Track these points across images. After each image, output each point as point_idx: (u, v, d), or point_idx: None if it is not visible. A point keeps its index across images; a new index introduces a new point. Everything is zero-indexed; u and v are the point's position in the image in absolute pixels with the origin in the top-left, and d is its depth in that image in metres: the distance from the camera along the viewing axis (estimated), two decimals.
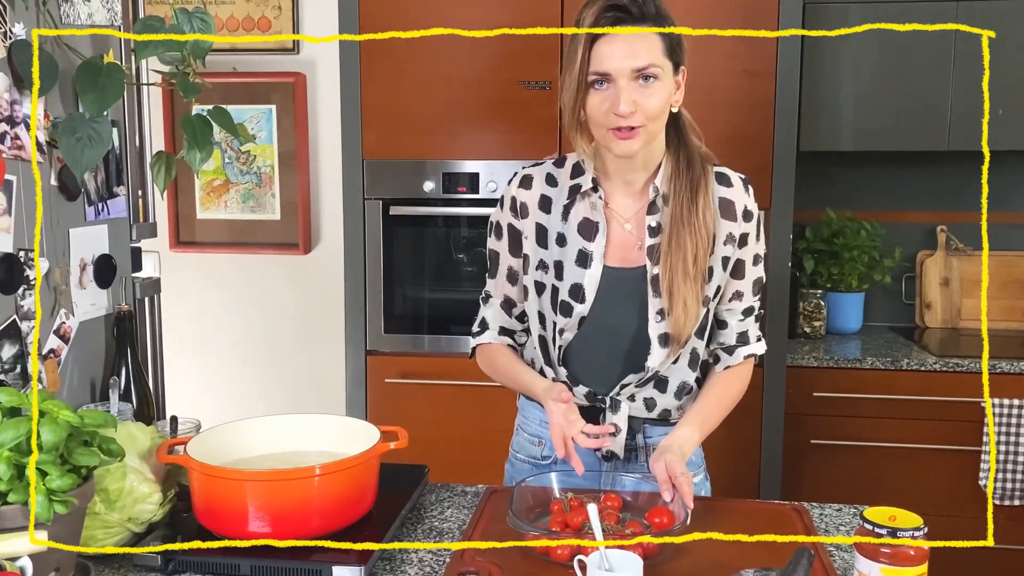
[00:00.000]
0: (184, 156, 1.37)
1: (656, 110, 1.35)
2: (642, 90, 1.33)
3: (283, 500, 1.18)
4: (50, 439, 1.05)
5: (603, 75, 1.33)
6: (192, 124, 1.35)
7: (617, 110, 1.32)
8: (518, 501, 1.31)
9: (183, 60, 1.30)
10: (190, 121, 1.36)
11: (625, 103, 1.31)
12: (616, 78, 1.32)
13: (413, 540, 1.30)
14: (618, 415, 1.46)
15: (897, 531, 0.99)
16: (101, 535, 1.21)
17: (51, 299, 1.39)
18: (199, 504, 1.22)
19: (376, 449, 1.26)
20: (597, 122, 1.36)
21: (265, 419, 1.37)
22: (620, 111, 1.31)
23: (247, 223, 2.96)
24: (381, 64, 2.49)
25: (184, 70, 1.31)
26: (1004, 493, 2.56)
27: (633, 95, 1.32)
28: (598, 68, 1.33)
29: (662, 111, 1.36)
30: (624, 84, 1.32)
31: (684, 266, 1.37)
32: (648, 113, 1.33)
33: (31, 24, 1.32)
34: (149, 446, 1.28)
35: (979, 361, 2.57)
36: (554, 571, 1.17)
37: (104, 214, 1.52)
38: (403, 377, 2.60)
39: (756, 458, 2.54)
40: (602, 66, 1.33)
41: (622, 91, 1.32)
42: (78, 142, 1.31)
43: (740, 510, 1.42)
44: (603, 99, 1.34)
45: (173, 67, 1.33)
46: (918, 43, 2.68)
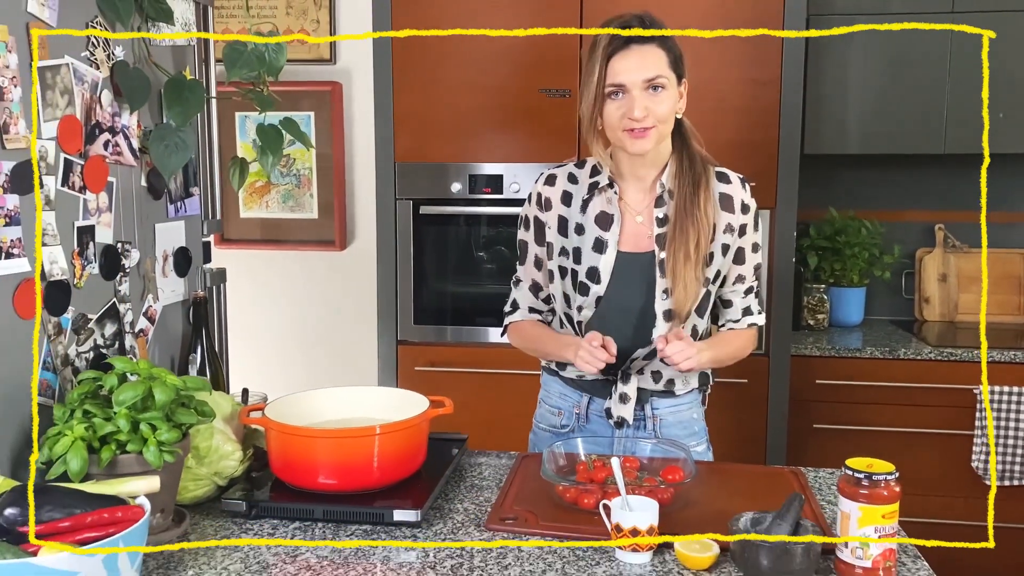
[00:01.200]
0: (258, 160, 1.57)
1: (665, 114, 1.56)
2: (652, 97, 1.54)
3: (348, 455, 1.38)
4: (161, 399, 1.25)
5: (618, 86, 1.54)
6: (266, 132, 1.55)
7: (632, 115, 1.53)
8: (549, 462, 1.50)
9: (259, 77, 1.50)
10: (264, 130, 1.56)
11: (639, 109, 1.53)
12: (630, 88, 1.54)
13: (457, 494, 1.49)
14: (628, 386, 1.65)
15: (873, 475, 1.18)
16: (192, 486, 1.41)
17: (140, 285, 1.60)
18: (276, 460, 1.42)
19: (427, 413, 1.45)
20: (613, 127, 1.57)
21: (329, 390, 1.56)
22: (635, 116, 1.53)
23: (287, 222, 3.15)
24: (412, 74, 2.66)
25: (259, 86, 1.51)
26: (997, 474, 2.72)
27: (645, 102, 1.54)
28: (614, 80, 1.54)
29: (670, 115, 1.58)
30: (637, 93, 1.53)
31: (686, 251, 1.58)
32: (658, 116, 1.55)
33: (127, 47, 1.52)
34: (230, 411, 1.48)
35: (972, 351, 2.73)
36: (582, 517, 1.36)
37: (182, 211, 1.72)
38: (431, 365, 2.76)
39: (762, 441, 2.70)
40: (617, 78, 1.54)
41: (636, 99, 1.53)
42: (166, 148, 1.52)
43: (741, 472, 1.61)
44: (619, 107, 1.55)
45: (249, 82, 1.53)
46: (916, 51, 2.83)
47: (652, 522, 1.23)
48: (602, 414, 1.71)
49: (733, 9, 2.55)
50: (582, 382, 1.73)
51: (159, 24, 1.55)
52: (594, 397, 1.73)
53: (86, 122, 1.42)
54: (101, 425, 1.23)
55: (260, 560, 1.25)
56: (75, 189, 1.40)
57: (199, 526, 1.36)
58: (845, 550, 1.19)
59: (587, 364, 1.55)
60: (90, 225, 1.44)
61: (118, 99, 1.49)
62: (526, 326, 1.77)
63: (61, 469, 1.20)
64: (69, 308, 1.39)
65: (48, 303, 1.34)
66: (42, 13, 1.32)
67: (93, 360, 1.45)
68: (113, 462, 1.23)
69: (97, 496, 1.15)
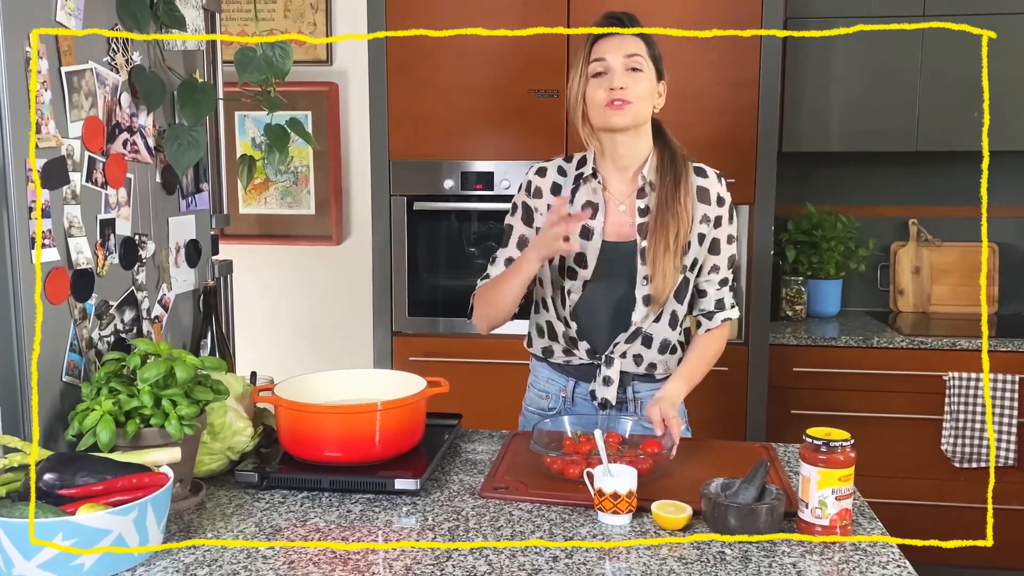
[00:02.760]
0: (265, 158, 1.68)
1: (643, 93, 1.70)
2: (631, 76, 1.69)
3: (352, 430, 1.49)
4: (183, 376, 1.36)
5: (601, 60, 1.69)
6: (273, 131, 1.66)
7: (612, 84, 1.67)
8: (537, 437, 1.62)
9: (267, 80, 1.61)
10: (272, 129, 1.67)
11: (618, 80, 1.68)
12: (611, 65, 1.69)
13: (455, 466, 1.61)
14: (611, 369, 1.77)
15: (831, 442, 1.30)
16: (207, 460, 1.52)
17: (156, 275, 1.70)
18: (285, 435, 1.53)
19: (425, 392, 1.57)
20: (596, 103, 1.70)
21: (334, 372, 1.68)
22: (615, 85, 1.67)
23: (285, 217, 3.25)
24: (406, 74, 2.75)
25: (267, 88, 1.63)
26: (962, 457, 2.86)
27: (624, 79, 1.68)
28: (598, 55, 1.70)
29: (648, 96, 1.71)
30: (618, 70, 1.69)
31: (667, 242, 1.69)
32: (637, 93, 1.69)
33: (143, 51, 1.63)
34: (242, 391, 1.60)
35: (942, 339, 2.86)
36: (567, 485, 1.48)
37: (192, 206, 1.83)
38: (425, 356, 2.85)
39: (742, 427, 2.81)
40: (600, 53, 1.70)
41: (616, 73, 1.69)
42: (179, 147, 1.62)
43: (716, 447, 1.73)
44: (600, 83, 1.70)
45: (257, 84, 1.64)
46: (890, 52, 2.95)
47: (631, 487, 1.35)
48: (587, 397, 1.83)
49: (712, 11, 2.65)
50: (568, 367, 1.85)
51: (172, 30, 1.66)
52: (579, 381, 1.84)
53: (107, 122, 1.53)
54: (127, 401, 1.35)
55: (273, 524, 1.36)
56: (98, 185, 1.51)
57: (215, 495, 1.47)
58: (805, 510, 1.31)
59: (552, 240, 1.59)
60: (111, 218, 1.55)
61: (136, 101, 1.60)
62: (483, 287, 1.82)
63: (91, 440, 1.31)
64: (92, 295, 1.50)
65: (75, 290, 1.45)
66: (69, 22, 1.42)
67: (114, 344, 1.56)
68: (138, 435, 1.34)
69: (125, 464, 1.26)
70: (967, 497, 2.88)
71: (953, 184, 3.32)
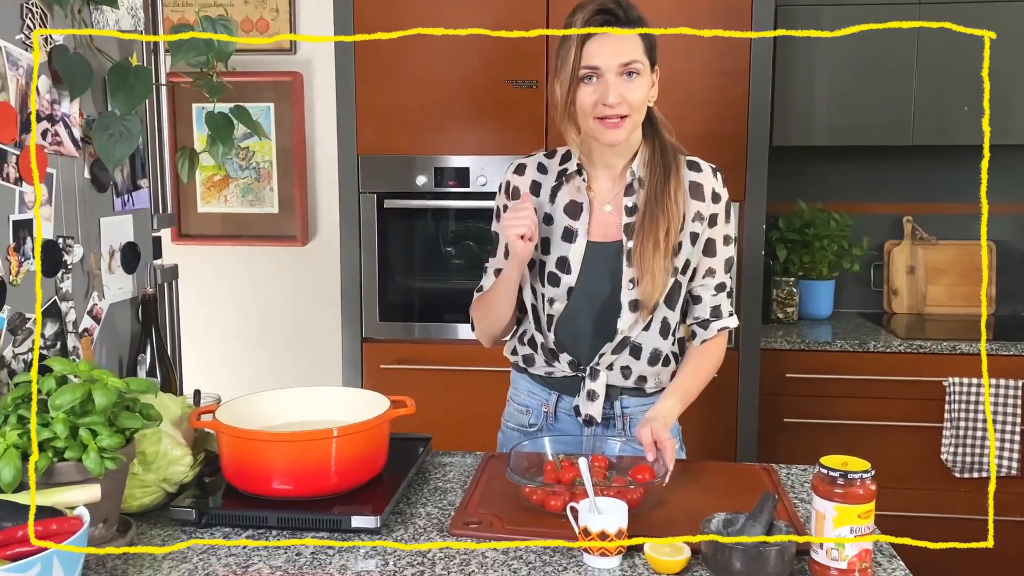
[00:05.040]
0: (207, 151, 1.50)
1: (639, 102, 1.52)
2: (627, 84, 1.50)
3: (304, 459, 1.31)
4: (102, 402, 1.18)
5: (593, 69, 1.49)
6: (216, 121, 1.48)
7: (606, 100, 1.48)
8: (515, 462, 1.45)
9: (208, 62, 1.43)
10: (214, 118, 1.48)
11: (613, 95, 1.48)
12: (604, 72, 1.49)
13: (420, 497, 1.44)
14: (597, 383, 1.61)
15: (848, 474, 1.14)
16: (139, 493, 1.34)
17: (85, 283, 1.52)
18: (228, 465, 1.35)
19: (387, 415, 1.39)
20: (586, 113, 1.52)
21: (285, 390, 1.50)
22: (609, 102, 1.48)
23: (246, 216, 3.07)
24: (375, 63, 2.60)
25: (209, 72, 1.44)
26: (963, 466, 2.72)
27: (619, 88, 1.49)
28: (589, 63, 1.49)
29: (643, 103, 1.54)
30: (611, 79, 1.49)
31: (655, 241, 1.53)
32: (632, 104, 1.50)
33: None
34: (180, 414, 1.41)
35: (940, 342, 2.73)
36: (549, 520, 1.31)
37: (129, 205, 1.64)
38: (398, 363, 2.70)
39: (733, 436, 2.68)
40: (592, 61, 1.49)
41: (610, 84, 1.48)
42: (110, 138, 1.44)
43: (713, 470, 1.57)
44: (592, 91, 1.50)
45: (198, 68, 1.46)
46: (884, 44, 2.82)
47: (621, 525, 1.18)
48: (571, 412, 1.67)
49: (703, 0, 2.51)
50: (551, 379, 1.68)
51: (101, 7, 1.47)
52: (563, 395, 1.68)
53: (21, 110, 1.34)
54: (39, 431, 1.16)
55: (209, 571, 1.18)
56: (10, 181, 1.32)
57: (146, 536, 1.29)
58: (820, 551, 1.15)
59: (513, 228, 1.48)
60: (27, 219, 1.36)
61: (57, 86, 1.41)
62: (476, 301, 1.71)
63: None
64: (4, 307, 1.31)
65: None
66: None
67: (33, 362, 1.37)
68: (50, 470, 1.16)
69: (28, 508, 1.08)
70: (968, 508, 2.75)
71: (949, 180, 3.20)
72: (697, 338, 1.67)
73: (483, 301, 1.68)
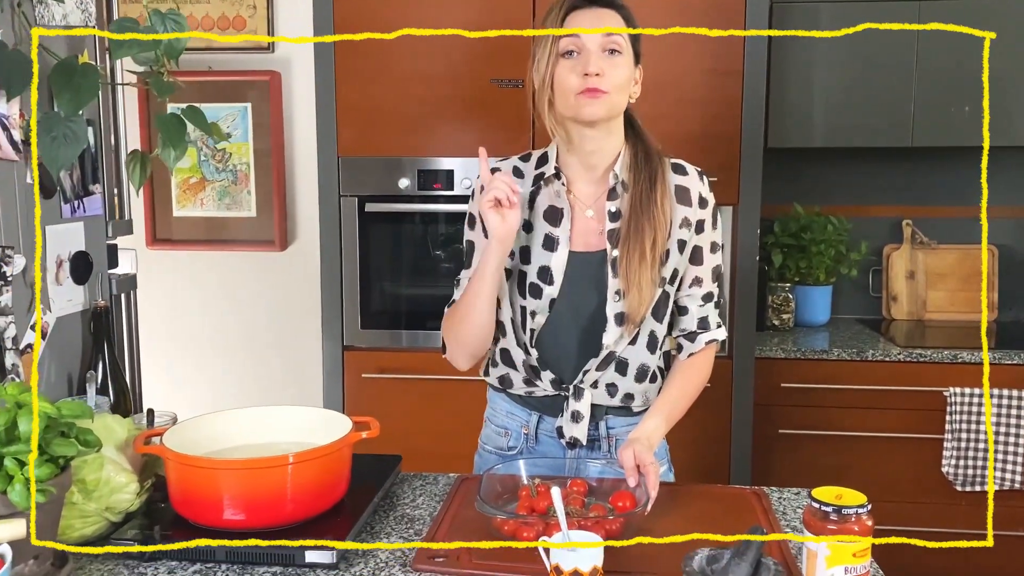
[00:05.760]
0: (159, 154, 1.40)
1: (620, 81, 1.43)
2: (609, 60, 1.42)
3: (257, 488, 1.21)
4: (27, 429, 1.08)
5: (574, 38, 1.41)
6: (167, 123, 1.38)
7: (587, 69, 1.40)
8: (487, 488, 1.35)
9: (157, 60, 1.33)
10: (165, 120, 1.39)
11: (594, 64, 1.40)
12: (586, 45, 1.41)
13: (385, 526, 1.34)
14: (581, 402, 1.51)
15: (842, 509, 1.04)
16: (79, 524, 1.24)
17: (28, 295, 1.42)
18: (175, 494, 1.26)
19: (348, 438, 1.29)
20: (566, 90, 1.43)
21: (240, 411, 1.40)
22: (590, 70, 1.40)
23: (223, 220, 2.98)
24: (356, 62, 2.51)
25: (158, 70, 1.34)
26: (965, 479, 2.63)
27: (601, 62, 1.41)
28: (571, 37, 1.42)
29: (625, 85, 1.45)
30: (594, 50, 1.41)
31: (641, 250, 1.44)
32: (613, 82, 1.42)
33: (5, 26, 1.35)
34: (126, 437, 1.31)
35: (941, 351, 2.64)
36: (521, 554, 1.21)
37: (80, 212, 1.55)
38: (380, 372, 2.62)
39: (726, 448, 2.60)
40: (574, 37, 1.41)
41: (592, 54, 1.41)
42: (54, 141, 1.34)
43: (699, 495, 1.47)
44: (573, 66, 1.42)
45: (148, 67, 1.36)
46: (882, 42, 2.74)
47: (596, 563, 1.08)
48: (553, 434, 1.57)
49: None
50: (531, 399, 1.58)
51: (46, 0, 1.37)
52: (544, 415, 1.58)
53: None
54: None
55: None
56: None
57: (85, 570, 1.20)
58: None
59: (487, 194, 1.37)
60: None
61: None
62: (448, 315, 1.58)
63: None
64: None
65: None
66: None
67: None
68: None
69: None
70: (969, 523, 2.66)
71: (950, 182, 3.11)
72: (683, 351, 1.57)
73: (457, 309, 1.53)
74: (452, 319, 1.55)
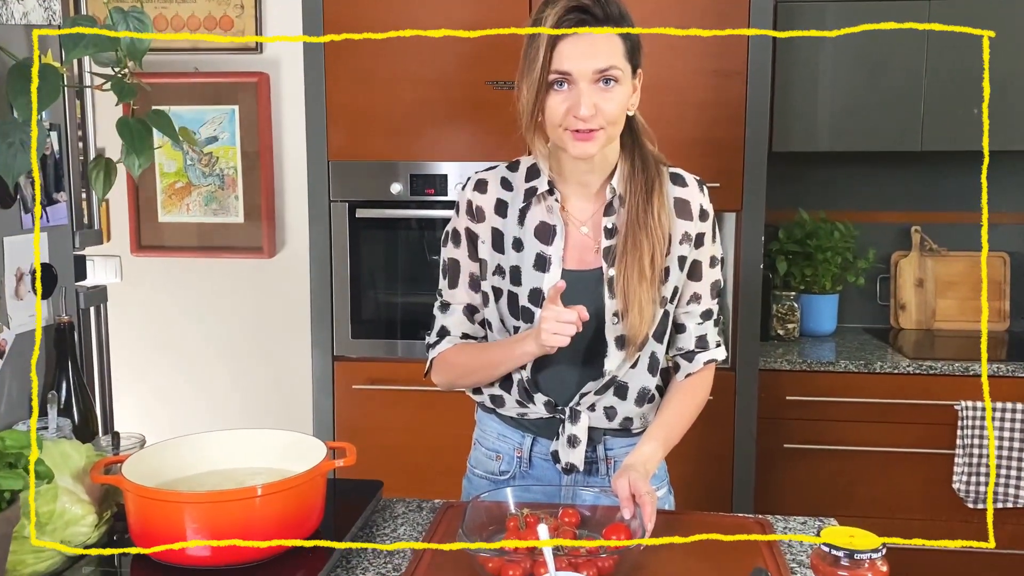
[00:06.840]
0: (123, 161, 1.31)
1: (615, 114, 1.32)
2: (602, 93, 1.30)
3: (223, 522, 1.13)
4: None
5: (564, 74, 1.30)
6: (129, 128, 1.29)
7: (578, 112, 1.29)
8: (472, 518, 1.26)
9: (119, 61, 1.24)
10: (127, 125, 1.29)
11: (586, 106, 1.28)
12: (577, 79, 1.29)
13: (363, 560, 1.25)
14: (578, 426, 1.42)
15: (855, 553, 0.95)
16: (31, 560, 1.15)
17: None
18: (135, 527, 1.17)
19: (321, 467, 1.21)
20: (555, 123, 1.32)
21: (208, 435, 1.31)
22: (581, 114, 1.29)
23: (210, 226, 2.91)
24: (346, 63, 2.44)
25: (120, 72, 1.26)
26: (976, 496, 2.54)
27: (593, 98, 1.29)
28: (560, 67, 1.29)
29: (620, 115, 1.34)
30: (585, 86, 1.29)
31: (640, 268, 1.35)
32: (608, 117, 1.31)
33: None
34: (84, 465, 1.23)
35: (952, 363, 2.56)
36: None
37: (43, 222, 1.46)
38: (371, 383, 2.55)
39: (729, 463, 2.51)
40: (563, 65, 1.29)
41: (583, 93, 1.29)
42: (10, 147, 1.25)
43: (698, 524, 1.37)
44: (563, 100, 1.31)
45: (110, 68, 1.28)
46: (891, 44, 2.65)
47: None
48: (548, 457, 1.48)
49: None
50: (524, 421, 1.49)
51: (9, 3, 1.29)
52: (538, 438, 1.48)
53: None
54: None
55: None
56: None
57: None
58: None
59: (555, 336, 1.29)
60: None
61: None
62: (460, 352, 1.49)
63: None
64: None
65: None
66: None
67: None
68: None
69: None
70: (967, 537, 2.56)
71: (960, 187, 3.02)
72: (681, 371, 1.48)
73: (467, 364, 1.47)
74: (457, 368, 1.49)
